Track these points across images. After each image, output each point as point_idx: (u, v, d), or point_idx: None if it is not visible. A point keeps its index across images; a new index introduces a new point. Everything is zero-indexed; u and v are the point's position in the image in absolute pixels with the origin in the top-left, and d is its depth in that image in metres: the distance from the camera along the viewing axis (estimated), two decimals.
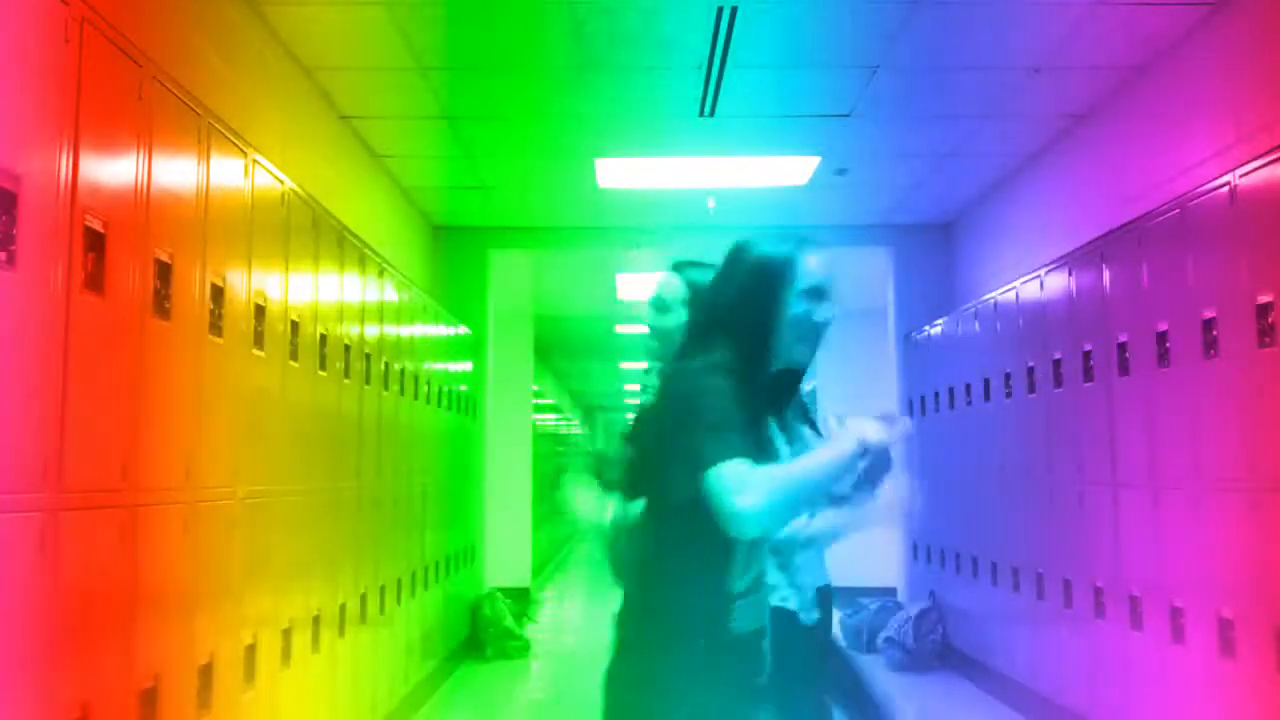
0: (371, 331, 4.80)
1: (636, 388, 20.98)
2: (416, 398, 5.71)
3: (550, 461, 14.22)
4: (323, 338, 4.05)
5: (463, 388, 7.12)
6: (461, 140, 6.06)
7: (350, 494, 4.51)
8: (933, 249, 7.94)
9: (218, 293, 3.08)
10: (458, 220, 7.82)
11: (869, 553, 7.52)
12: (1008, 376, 5.62)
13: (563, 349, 14.27)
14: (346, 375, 4.40)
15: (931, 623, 6.98)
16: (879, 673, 6.93)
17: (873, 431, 1.94)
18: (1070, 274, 4.89)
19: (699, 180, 6.71)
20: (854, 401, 9.90)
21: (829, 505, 2.22)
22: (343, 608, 4.28)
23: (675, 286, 2.63)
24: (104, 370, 2.47)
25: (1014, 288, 5.59)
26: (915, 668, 6.90)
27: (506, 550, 9.22)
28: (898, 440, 2.06)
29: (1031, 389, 5.29)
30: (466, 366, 7.39)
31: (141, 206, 2.64)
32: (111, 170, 2.52)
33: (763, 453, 1.98)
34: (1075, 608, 4.75)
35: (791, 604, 2.53)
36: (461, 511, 7.15)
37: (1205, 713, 3.70)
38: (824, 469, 1.91)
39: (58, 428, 2.25)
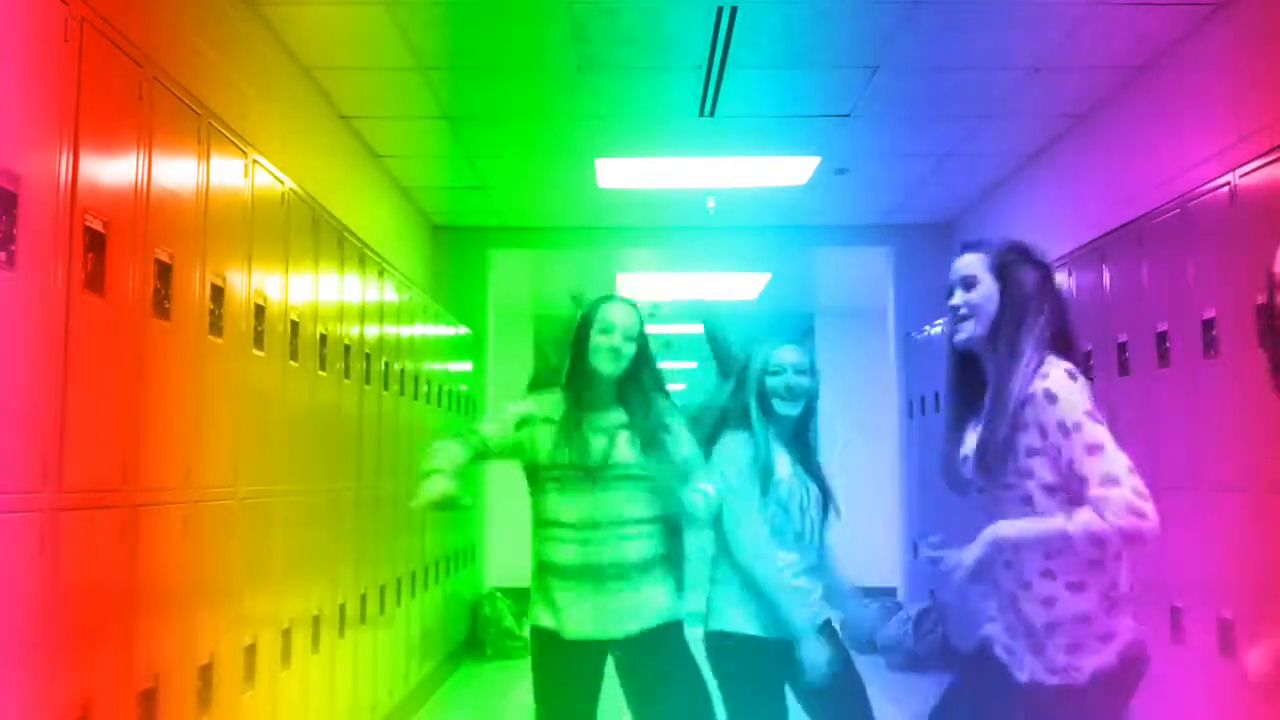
0: (371, 331, 4.80)
1: None
2: (416, 398, 5.71)
3: None
4: (323, 338, 4.05)
5: (463, 388, 7.12)
6: (461, 140, 6.06)
7: (350, 494, 4.50)
8: (933, 249, 7.93)
9: (218, 293, 3.08)
10: (458, 220, 7.82)
11: (869, 553, 7.53)
12: None
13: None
14: (346, 375, 4.40)
15: (931, 623, 6.98)
16: (879, 673, 6.93)
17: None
18: (1070, 274, 4.89)
19: (699, 180, 6.71)
20: (854, 401, 9.90)
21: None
22: (342, 608, 4.28)
23: None
24: (104, 370, 2.47)
25: None
26: (915, 668, 6.90)
27: (506, 550, 9.22)
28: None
29: None
30: (466, 366, 7.39)
31: (141, 206, 2.65)
32: (111, 170, 2.52)
33: None
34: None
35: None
36: (461, 511, 7.14)
37: (1204, 713, 3.69)
38: None
39: (58, 428, 2.25)
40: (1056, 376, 2.24)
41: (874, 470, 8.82)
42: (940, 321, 7.02)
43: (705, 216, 7.46)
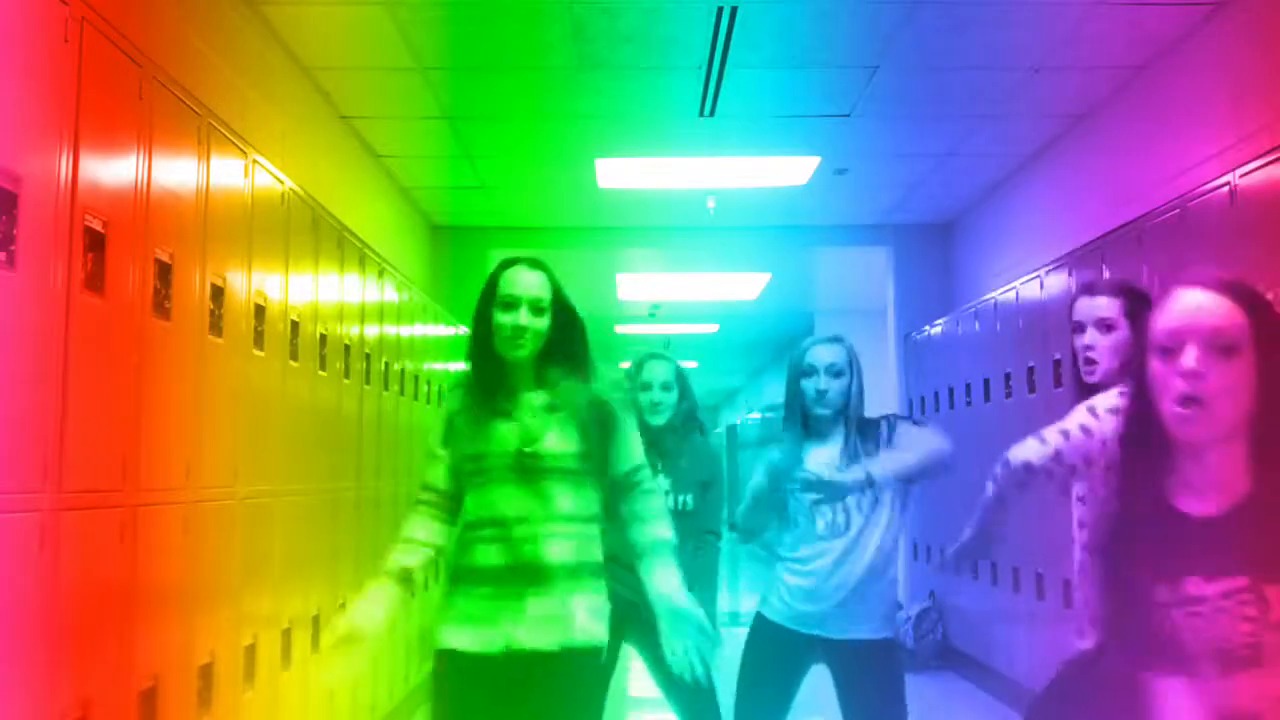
0: (371, 331, 4.80)
1: None
2: (416, 398, 5.71)
3: None
4: (323, 338, 4.05)
5: None
6: (461, 140, 6.06)
7: (350, 494, 4.51)
8: (933, 249, 7.94)
9: (218, 293, 3.08)
10: (458, 220, 7.82)
11: None
12: (1008, 376, 5.62)
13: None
14: (346, 375, 4.40)
15: (931, 623, 6.98)
16: None
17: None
18: (1070, 274, 4.89)
19: (699, 180, 6.71)
20: None
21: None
22: (343, 607, 4.28)
23: None
24: (104, 370, 2.47)
25: (1014, 288, 5.59)
26: (915, 668, 6.90)
27: None
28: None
29: (1031, 389, 5.29)
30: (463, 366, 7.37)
31: (141, 206, 2.64)
32: (111, 170, 2.52)
33: None
34: (1075, 608, 4.75)
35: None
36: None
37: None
38: None
39: (58, 428, 2.25)
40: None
41: None
42: (941, 321, 7.02)
43: (705, 216, 7.46)
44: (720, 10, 4.39)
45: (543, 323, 2.47)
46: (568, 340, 2.52)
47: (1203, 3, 4.33)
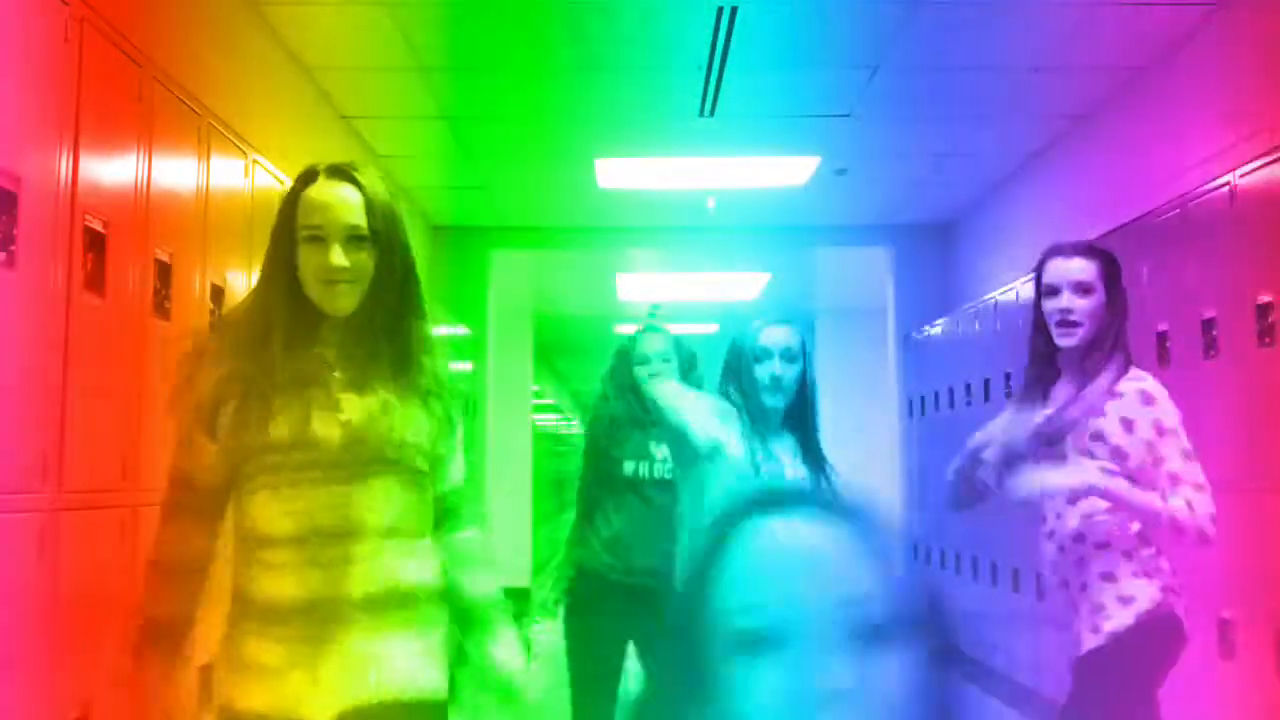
0: None
1: None
2: None
3: (551, 462, 14.22)
4: None
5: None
6: (461, 140, 6.06)
7: None
8: (933, 249, 7.93)
9: (218, 293, 3.08)
10: (458, 220, 7.82)
11: None
12: (1008, 376, 5.62)
13: (563, 349, 14.27)
14: None
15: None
16: None
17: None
18: None
19: (699, 180, 6.71)
20: (854, 401, 9.90)
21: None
22: None
23: None
24: (104, 370, 2.47)
25: (1014, 288, 5.59)
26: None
27: (506, 550, 9.22)
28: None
29: None
30: (466, 367, 7.38)
31: (141, 206, 2.65)
32: (111, 170, 2.52)
33: None
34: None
35: None
36: None
37: (1204, 713, 3.69)
38: None
39: (58, 428, 2.25)
40: (1152, 382, 2.45)
41: (873, 469, 8.82)
42: (941, 321, 7.02)
43: (705, 216, 7.46)
44: (720, 10, 4.39)
45: (365, 258, 1.72)
46: (393, 282, 1.75)
47: (1203, 2, 4.33)
